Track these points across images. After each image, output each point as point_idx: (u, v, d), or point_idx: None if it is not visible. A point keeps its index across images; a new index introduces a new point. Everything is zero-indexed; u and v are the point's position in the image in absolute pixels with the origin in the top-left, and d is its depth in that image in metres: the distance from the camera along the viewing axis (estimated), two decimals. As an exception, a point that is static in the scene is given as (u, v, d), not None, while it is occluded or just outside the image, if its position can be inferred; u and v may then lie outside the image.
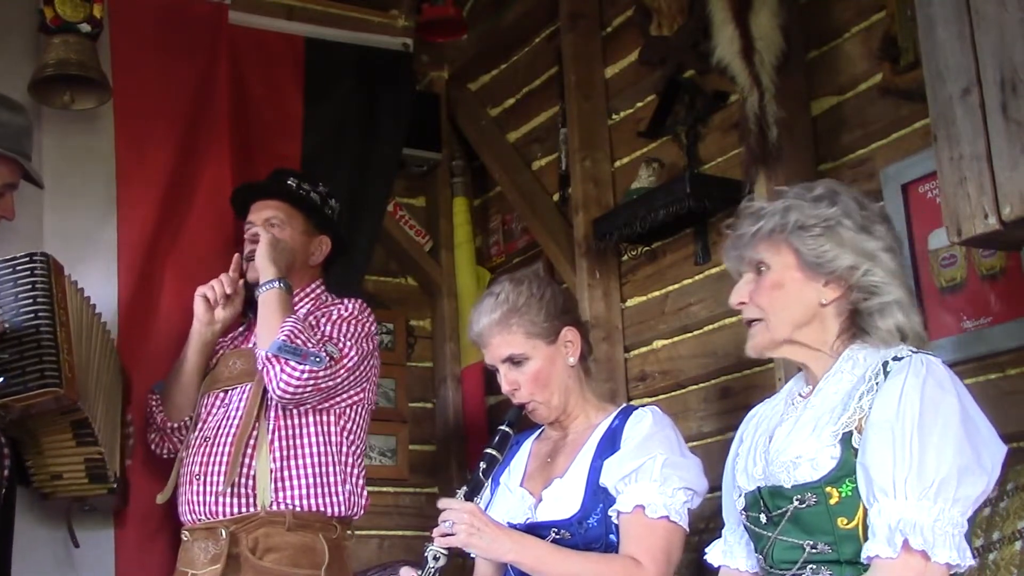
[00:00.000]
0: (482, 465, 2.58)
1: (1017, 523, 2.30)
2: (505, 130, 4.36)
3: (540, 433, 2.82)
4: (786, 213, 2.13)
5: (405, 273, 4.50)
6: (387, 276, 4.46)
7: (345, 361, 3.07)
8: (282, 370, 3.00)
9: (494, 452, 2.60)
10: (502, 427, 2.65)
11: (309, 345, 3.01)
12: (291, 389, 3.01)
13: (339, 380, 3.08)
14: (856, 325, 2.12)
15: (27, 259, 3.02)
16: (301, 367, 2.99)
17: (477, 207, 4.52)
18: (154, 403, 3.32)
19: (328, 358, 3.02)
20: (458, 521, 2.44)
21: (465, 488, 2.54)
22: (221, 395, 3.22)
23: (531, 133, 4.26)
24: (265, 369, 3.04)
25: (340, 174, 3.93)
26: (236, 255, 3.29)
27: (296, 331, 3.02)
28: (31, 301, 2.97)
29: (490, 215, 4.49)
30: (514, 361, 2.67)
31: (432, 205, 4.53)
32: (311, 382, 3.01)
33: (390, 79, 4.14)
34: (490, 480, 2.63)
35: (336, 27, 4.11)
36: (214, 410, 3.19)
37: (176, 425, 3.30)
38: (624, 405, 2.78)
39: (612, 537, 2.52)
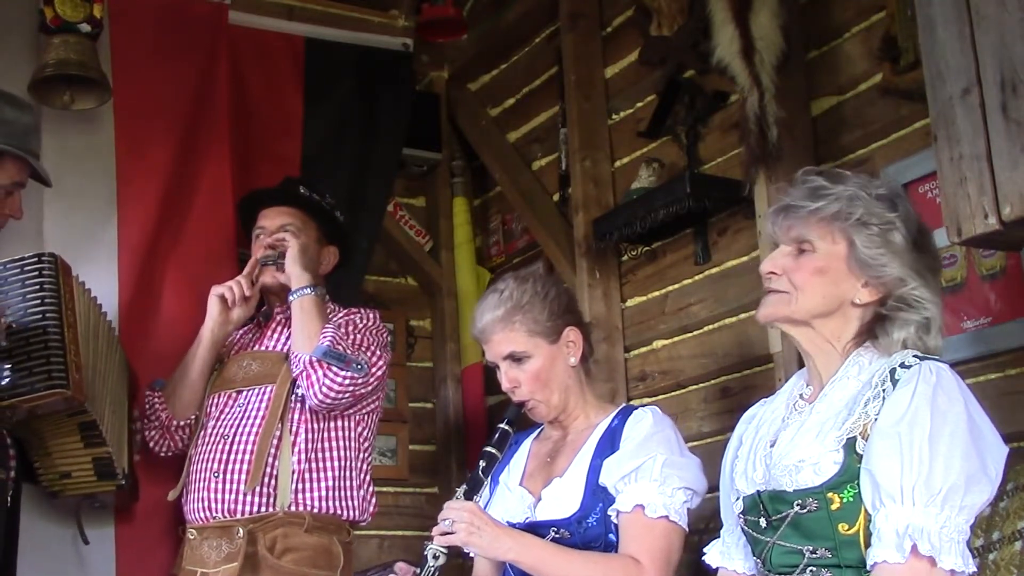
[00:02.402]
0: (481, 463, 2.59)
1: (1017, 523, 2.30)
2: (505, 130, 4.36)
3: (539, 432, 2.82)
4: (852, 203, 2.09)
5: (405, 273, 4.50)
6: (387, 276, 4.46)
7: (375, 370, 3.11)
8: (325, 375, 3.02)
9: (493, 450, 2.61)
10: (501, 425, 2.65)
11: (349, 352, 3.04)
12: (332, 394, 3.03)
13: (370, 388, 3.12)
14: (871, 330, 2.10)
15: (35, 259, 3.02)
16: (344, 373, 3.03)
17: (477, 207, 4.52)
18: (157, 400, 3.31)
19: (366, 366, 3.05)
20: (458, 520, 2.44)
21: (465, 486, 2.55)
22: (233, 395, 3.22)
23: (531, 133, 4.26)
24: (305, 373, 3.05)
25: (340, 174, 3.94)
26: (253, 258, 3.30)
27: (338, 337, 3.05)
28: (39, 302, 2.98)
29: (490, 215, 4.49)
30: (515, 358, 2.67)
31: (432, 205, 4.53)
32: (351, 388, 3.05)
33: (390, 79, 4.15)
34: (489, 479, 2.63)
35: (336, 27, 4.12)
36: (227, 409, 3.20)
37: (181, 423, 3.30)
38: (624, 405, 2.78)
39: (611, 536, 2.52)
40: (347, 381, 3.04)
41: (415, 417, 4.38)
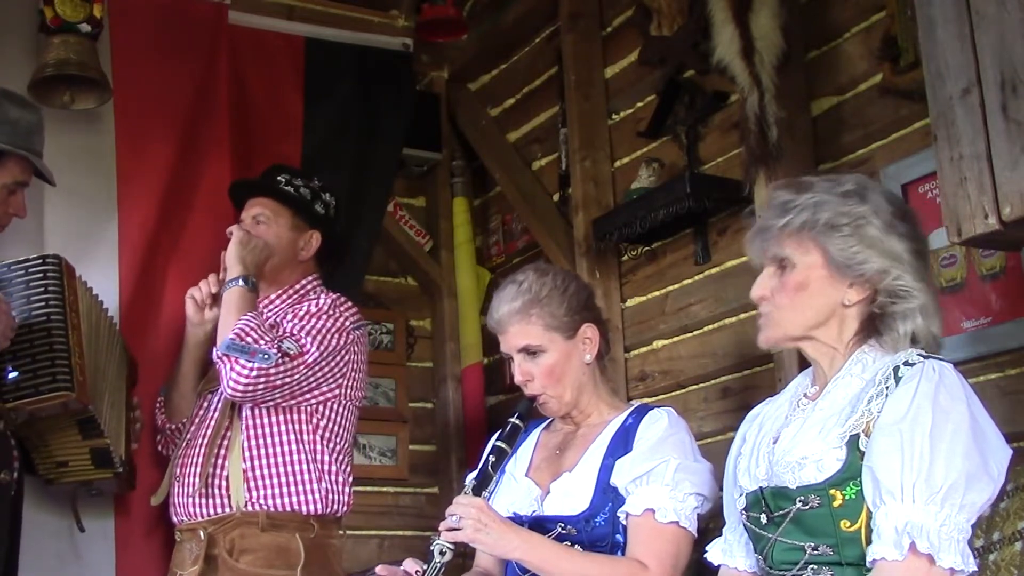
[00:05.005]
0: (491, 459, 2.56)
1: (1017, 523, 2.30)
2: (505, 130, 4.36)
3: (549, 424, 2.80)
4: (817, 209, 2.09)
5: (405, 273, 4.50)
6: (387, 276, 4.46)
7: (305, 357, 3.04)
8: (231, 368, 2.98)
9: (503, 445, 2.59)
10: (512, 419, 2.62)
11: (261, 343, 2.98)
12: (240, 387, 2.98)
13: (297, 376, 3.04)
14: (872, 326, 2.11)
15: (40, 262, 3.02)
16: (250, 365, 2.97)
17: (477, 207, 4.52)
18: (158, 406, 3.35)
19: (280, 355, 2.99)
20: (465, 516, 2.41)
21: (473, 481, 2.53)
22: (209, 396, 3.23)
23: (531, 133, 4.26)
24: (219, 367, 3.03)
25: (340, 174, 3.93)
26: (223, 254, 3.28)
27: (247, 329, 3.00)
28: (43, 304, 2.98)
29: (490, 215, 4.49)
30: (530, 352, 2.65)
31: (432, 205, 4.53)
32: (261, 380, 2.99)
33: (390, 79, 4.14)
34: (498, 473, 2.61)
35: (336, 27, 4.11)
36: (201, 411, 3.21)
37: (174, 427, 3.32)
38: (638, 404, 2.75)
39: (619, 537, 2.51)
40: (254, 372, 2.97)
41: (415, 417, 4.37)
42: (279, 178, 3.34)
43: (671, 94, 3.55)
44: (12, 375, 2.92)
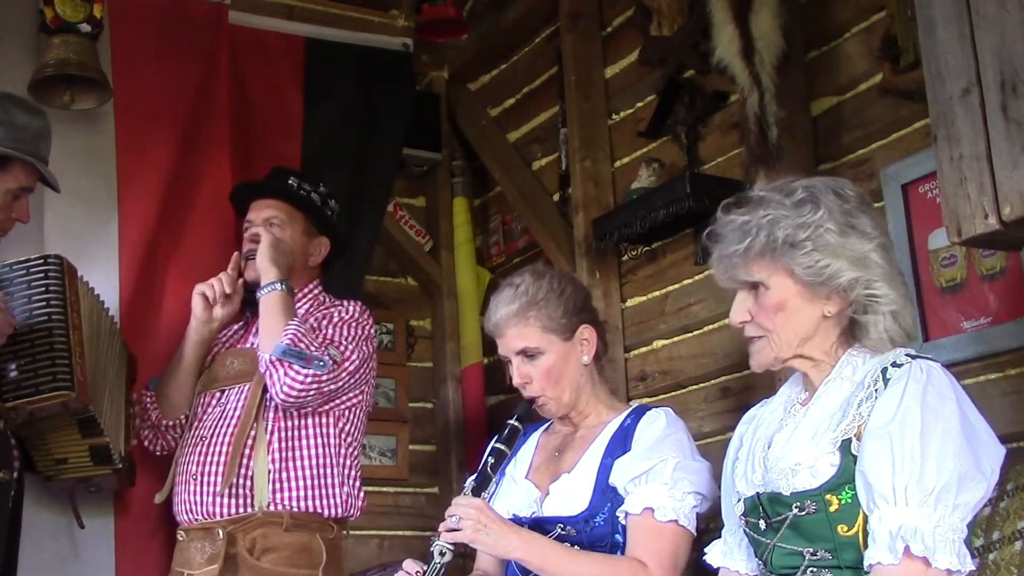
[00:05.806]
0: (490, 460, 2.56)
1: (1017, 523, 2.29)
2: (505, 130, 4.36)
3: (548, 426, 2.81)
4: (772, 228, 2.08)
5: (405, 273, 4.50)
6: (387, 276, 4.46)
7: (347, 365, 3.07)
8: (286, 374, 3.00)
9: (502, 446, 2.59)
10: (511, 421, 2.62)
11: (312, 349, 3.01)
12: (295, 393, 3.01)
13: (341, 384, 3.08)
14: (851, 330, 2.12)
15: (41, 262, 3.03)
16: (305, 371, 2.99)
17: (477, 207, 4.52)
18: (149, 400, 3.32)
19: (331, 362, 3.02)
20: (465, 517, 2.42)
21: (473, 482, 2.53)
22: (218, 394, 3.22)
23: (531, 133, 4.26)
24: (268, 372, 3.04)
25: (340, 174, 3.93)
26: (235, 254, 3.29)
27: (300, 334, 3.02)
28: (44, 303, 2.98)
29: (490, 215, 4.49)
30: (528, 354, 2.66)
31: (432, 205, 4.53)
32: (314, 386, 3.02)
33: (390, 79, 4.15)
34: (497, 475, 2.61)
35: (336, 27, 4.12)
36: (210, 409, 3.20)
37: (171, 423, 3.30)
38: (637, 404, 2.76)
39: (618, 537, 2.52)
40: (308, 379, 3.00)
41: (415, 417, 4.37)
42: (290, 181, 3.35)
43: (671, 94, 3.55)
44: (12, 374, 2.92)
